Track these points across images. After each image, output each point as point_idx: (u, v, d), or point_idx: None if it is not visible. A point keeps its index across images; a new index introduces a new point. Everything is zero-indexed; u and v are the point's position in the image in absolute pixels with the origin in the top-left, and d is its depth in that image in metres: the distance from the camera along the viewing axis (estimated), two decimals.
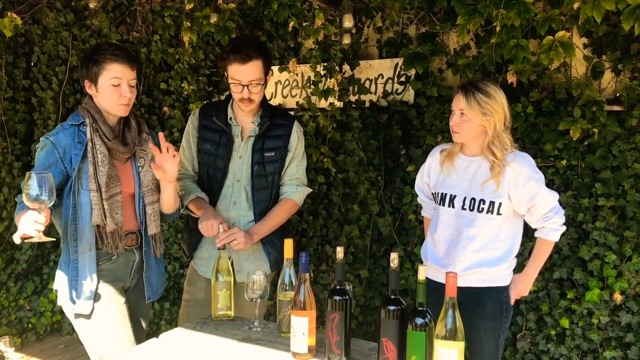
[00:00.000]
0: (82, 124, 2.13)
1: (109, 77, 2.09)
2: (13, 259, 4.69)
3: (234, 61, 2.30)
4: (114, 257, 2.19)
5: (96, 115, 2.13)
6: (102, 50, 2.12)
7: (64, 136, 2.10)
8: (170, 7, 3.92)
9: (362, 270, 3.43)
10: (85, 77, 2.14)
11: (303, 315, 1.75)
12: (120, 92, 2.11)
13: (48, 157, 2.07)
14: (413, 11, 3.30)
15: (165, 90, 4.15)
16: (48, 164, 2.06)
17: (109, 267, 2.19)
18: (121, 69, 2.10)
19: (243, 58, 2.29)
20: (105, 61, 2.08)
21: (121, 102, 2.12)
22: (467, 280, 2.19)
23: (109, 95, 2.10)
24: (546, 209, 2.17)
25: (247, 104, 2.38)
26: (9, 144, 4.60)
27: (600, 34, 2.79)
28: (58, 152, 2.07)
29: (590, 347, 2.86)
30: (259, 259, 2.52)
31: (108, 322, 2.18)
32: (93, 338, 2.20)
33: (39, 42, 4.50)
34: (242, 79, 2.32)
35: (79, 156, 2.09)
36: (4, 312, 4.32)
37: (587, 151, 2.88)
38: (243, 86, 2.33)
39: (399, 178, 3.40)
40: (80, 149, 2.09)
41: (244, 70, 2.31)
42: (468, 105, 2.14)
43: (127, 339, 2.21)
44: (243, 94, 2.34)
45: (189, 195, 2.46)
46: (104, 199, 2.09)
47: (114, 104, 2.12)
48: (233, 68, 2.32)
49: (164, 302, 4.10)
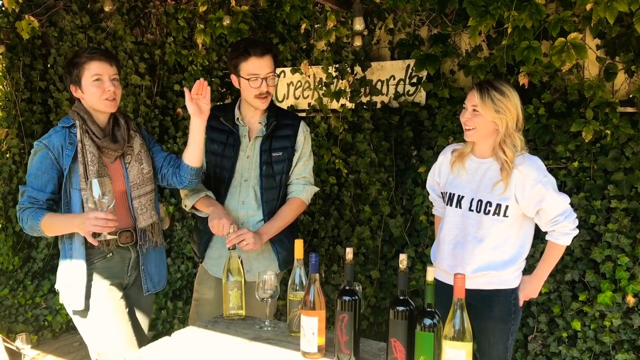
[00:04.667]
0: (73, 126, 2.21)
1: (90, 75, 2.18)
2: (30, 257, 4.78)
3: (253, 55, 2.38)
4: (108, 255, 2.23)
5: (85, 117, 2.20)
6: (79, 54, 2.22)
7: (56, 138, 2.18)
8: (184, 10, 3.97)
9: (373, 271, 3.44)
10: (70, 83, 2.23)
11: (313, 315, 1.76)
12: (103, 88, 2.18)
13: (43, 160, 2.15)
14: (425, 13, 3.30)
15: (179, 92, 4.20)
16: (44, 168, 2.15)
17: (104, 264, 2.24)
18: (99, 65, 2.18)
19: (261, 52, 2.38)
20: (84, 61, 2.18)
21: (105, 96, 2.19)
22: (475, 282, 2.19)
23: (93, 92, 2.18)
24: (555, 213, 2.15)
25: (264, 100, 2.43)
26: (26, 144, 4.68)
27: (613, 35, 2.77)
28: (53, 153, 2.15)
29: (602, 350, 2.84)
30: (268, 258, 2.55)
31: (104, 318, 2.22)
32: (90, 334, 2.25)
33: (55, 44, 4.57)
34: (260, 72, 2.39)
35: (70, 157, 2.16)
36: (20, 309, 4.39)
37: (599, 153, 2.87)
38: (262, 79, 2.39)
39: (410, 179, 3.41)
40: (71, 149, 2.17)
41: (262, 64, 2.39)
42: (482, 101, 2.14)
43: (125, 333, 2.24)
44: (262, 88, 2.40)
45: (197, 194, 2.48)
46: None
47: (99, 100, 2.19)
48: (251, 63, 2.38)
49: (177, 301, 4.15)
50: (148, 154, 2.36)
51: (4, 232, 4.82)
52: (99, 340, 2.23)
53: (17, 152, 4.71)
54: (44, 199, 2.16)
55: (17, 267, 4.76)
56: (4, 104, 4.80)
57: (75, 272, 2.20)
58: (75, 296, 2.21)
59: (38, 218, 2.12)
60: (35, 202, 2.15)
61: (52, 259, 4.70)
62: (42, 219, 2.12)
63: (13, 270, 4.76)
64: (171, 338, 2.01)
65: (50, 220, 2.14)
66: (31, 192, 2.15)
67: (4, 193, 4.78)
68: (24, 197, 2.17)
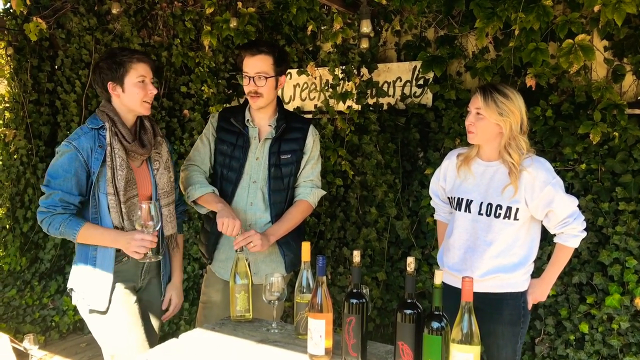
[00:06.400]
0: (102, 128, 2.18)
1: (136, 75, 2.18)
2: (37, 258, 4.80)
3: (245, 54, 2.43)
4: (124, 259, 2.23)
5: (115, 118, 2.18)
6: (124, 53, 2.21)
7: (85, 140, 2.14)
8: (191, 12, 3.98)
9: (380, 273, 3.43)
10: (109, 80, 2.19)
11: (320, 317, 1.76)
12: (146, 90, 2.20)
13: (72, 162, 2.11)
14: (431, 14, 3.30)
15: (185, 93, 4.21)
16: (74, 170, 2.11)
17: (120, 268, 2.24)
18: (145, 67, 2.21)
19: (253, 51, 2.42)
20: (132, 62, 2.18)
21: (146, 99, 2.20)
22: (484, 285, 2.19)
23: (136, 93, 2.18)
24: (564, 215, 2.15)
25: (254, 99, 2.44)
26: (34, 145, 4.71)
27: (621, 37, 2.76)
28: (82, 155, 2.12)
29: (610, 353, 2.83)
30: (274, 260, 2.55)
31: (120, 320, 2.23)
32: (106, 335, 2.26)
33: (63, 46, 4.60)
34: (249, 71, 2.42)
35: (99, 160, 2.14)
36: (28, 310, 4.42)
37: (607, 155, 2.85)
38: (250, 78, 2.41)
39: (416, 181, 3.40)
40: (100, 153, 2.14)
41: (252, 62, 2.41)
42: (485, 104, 2.14)
43: (139, 337, 2.25)
44: (250, 87, 2.42)
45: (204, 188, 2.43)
46: (122, 202, 2.15)
47: (139, 102, 2.20)
48: (244, 61, 2.44)
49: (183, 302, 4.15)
50: (172, 163, 2.41)
51: (12, 233, 4.85)
52: (113, 343, 2.24)
53: (24, 154, 4.73)
54: (76, 202, 2.13)
55: (25, 267, 4.78)
56: (12, 105, 4.83)
57: (102, 270, 2.20)
58: (98, 295, 2.20)
59: (75, 228, 2.11)
60: (68, 207, 2.13)
61: (59, 260, 4.73)
62: (80, 230, 2.11)
63: (20, 271, 4.79)
64: (179, 340, 2.02)
65: (88, 233, 2.14)
66: (63, 196, 2.10)
67: (12, 194, 4.81)
68: (50, 199, 2.12)
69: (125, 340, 2.22)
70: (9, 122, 4.85)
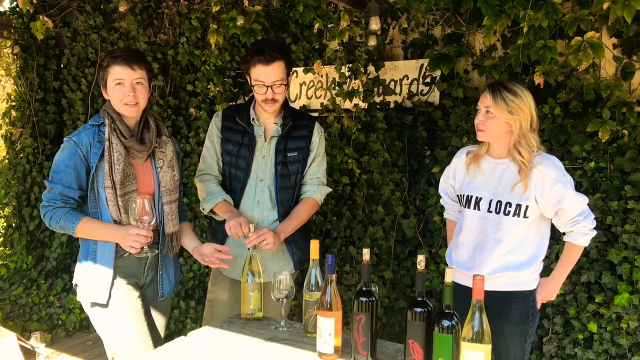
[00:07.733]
0: (102, 124, 2.23)
1: (112, 79, 2.21)
2: (43, 256, 4.81)
3: (258, 63, 2.35)
4: (125, 254, 2.25)
5: (114, 116, 2.23)
6: (108, 56, 2.24)
7: (85, 135, 2.21)
8: (197, 10, 3.98)
9: (386, 271, 3.43)
10: (100, 84, 2.28)
11: (329, 316, 1.76)
12: (123, 92, 2.20)
13: (71, 156, 2.17)
14: (439, 12, 3.29)
15: (191, 92, 4.21)
16: (73, 164, 2.16)
17: (122, 264, 2.26)
18: (120, 69, 2.20)
19: (267, 59, 2.34)
20: (108, 65, 2.21)
21: (125, 101, 2.20)
22: (492, 284, 2.17)
23: (114, 96, 2.21)
24: (574, 213, 2.14)
25: (270, 105, 2.43)
26: (40, 144, 4.72)
27: (630, 34, 2.75)
28: (81, 150, 2.18)
29: (618, 352, 2.82)
30: (282, 259, 2.55)
31: (122, 315, 2.24)
32: (107, 329, 2.27)
33: (69, 45, 4.61)
34: (266, 80, 2.37)
35: (97, 154, 2.19)
36: (34, 308, 4.43)
37: (616, 153, 2.84)
38: (267, 87, 2.38)
39: (423, 179, 3.39)
40: (99, 147, 2.19)
41: (268, 71, 2.36)
42: (494, 102, 2.13)
43: (141, 332, 2.25)
44: (267, 95, 2.39)
45: (215, 198, 2.49)
46: (119, 195, 2.17)
47: (119, 104, 2.21)
48: (257, 70, 2.37)
49: (189, 300, 4.16)
50: (179, 163, 2.41)
51: (18, 231, 4.87)
52: (115, 337, 2.25)
53: (30, 152, 4.74)
54: (76, 196, 2.18)
55: (31, 266, 4.79)
56: (18, 104, 4.83)
57: (102, 264, 2.22)
58: (99, 288, 2.22)
59: (74, 222, 2.15)
60: (68, 201, 2.17)
61: (65, 258, 4.74)
62: (79, 224, 2.15)
63: (27, 269, 4.80)
64: (187, 338, 2.01)
65: (87, 227, 2.17)
66: (62, 190, 2.16)
67: (18, 192, 4.82)
68: (51, 193, 2.17)
69: (126, 334, 2.23)
70: (15, 120, 4.85)
